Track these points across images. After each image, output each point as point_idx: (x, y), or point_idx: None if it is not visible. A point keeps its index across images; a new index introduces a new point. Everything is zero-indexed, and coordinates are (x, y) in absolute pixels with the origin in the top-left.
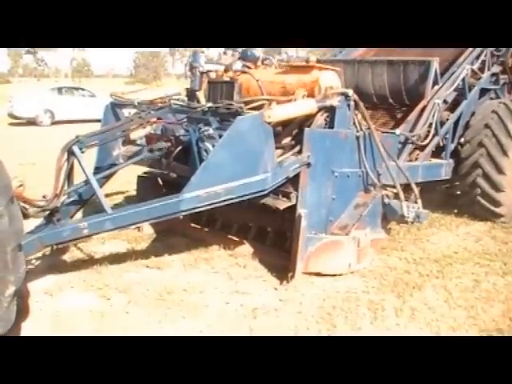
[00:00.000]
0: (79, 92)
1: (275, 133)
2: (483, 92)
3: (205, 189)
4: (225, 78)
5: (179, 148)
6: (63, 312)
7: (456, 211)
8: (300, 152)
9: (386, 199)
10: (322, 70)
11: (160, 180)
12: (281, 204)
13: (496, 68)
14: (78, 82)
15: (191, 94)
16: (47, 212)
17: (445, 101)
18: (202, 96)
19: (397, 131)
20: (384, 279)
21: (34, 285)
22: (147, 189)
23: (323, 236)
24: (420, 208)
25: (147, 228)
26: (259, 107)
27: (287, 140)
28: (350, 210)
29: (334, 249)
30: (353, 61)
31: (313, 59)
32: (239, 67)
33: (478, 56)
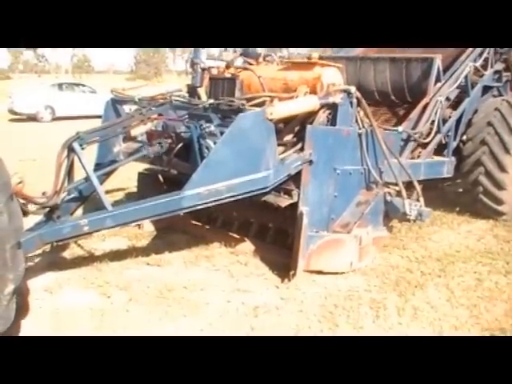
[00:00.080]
0: (80, 88)
1: (277, 130)
2: (486, 89)
3: (206, 186)
4: (226, 75)
5: (180, 145)
6: (63, 310)
7: (458, 209)
8: (302, 149)
9: (388, 197)
10: (325, 67)
11: (161, 177)
12: (282, 202)
13: (499, 65)
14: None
15: (192, 91)
16: (47, 209)
17: (447, 98)
18: (204, 92)
19: (399, 128)
20: (386, 278)
21: (34, 282)
22: (148, 186)
23: (325, 234)
24: (422, 206)
25: (148, 225)
26: (261, 104)
27: (289, 137)
28: (352, 208)
29: (336, 247)
30: (355, 57)
31: (315, 56)
32: (240, 64)
33: (481, 53)
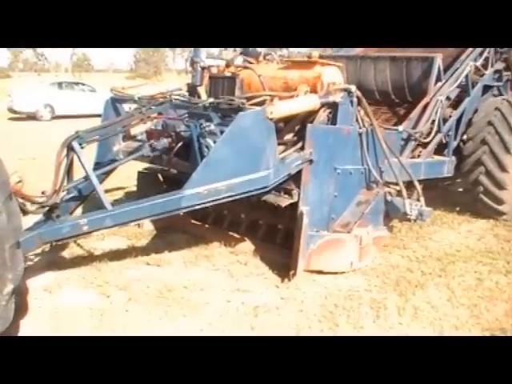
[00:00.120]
0: (79, 87)
1: (277, 129)
2: (486, 89)
3: (206, 185)
4: (226, 74)
5: (180, 144)
6: (62, 310)
7: (458, 209)
8: (302, 148)
9: (389, 197)
10: (325, 66)
11: (160, 176)
12: (282, 201)
13: (499, 65)
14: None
15: (192, 90)
16: (46, 208)
17: (448, 97)
18: (203, 91)
19: (399, 128)
20: (386, 277)
21: (33, 282)
22: (147, 185)
23: (325, 234)
24: (423, 206)
25: (147, 224)
26: (261, 103)
27: (289, 136)
28: (353, 208)
29: (336, 247)
30: (355, 56)
31: (315, 55)
32: (240, 62)
33: (482, 53)
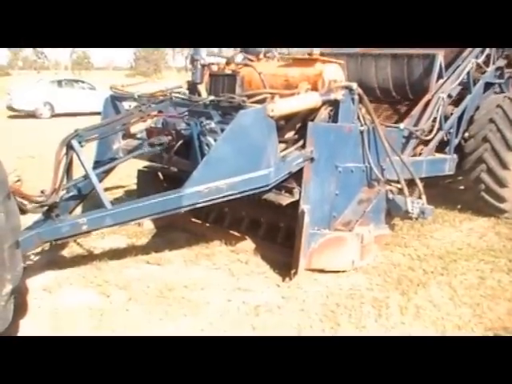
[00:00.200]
0: (79, 84)
1: (278, 127)
2: (488, 86)
3: (206, 184)
4: (226, 71)
5: (180, 142)
6: (62, 309)
7: (459, 207)
8: (303, 146)
9: (390, 195)
10: (326, 63)
11: (161, 174)
12: (283, 200)
13: (501, 62)
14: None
15: (192, 87)
16: (46, 207)
17: (449, 95)
18: (204, 89)
19: (401, 125)
20: (388, 276)
21: (33, 281)
22: (148, 183)
23: (326, 232)
24: (424, 204)
25: (147, 223)
26: (262, 101)
27: (290, 134)
28: (354, 206)
29: (338, 245)
30: (356, 54)
31: (316, 52)
32: (241, 60)
33: (483, 50)
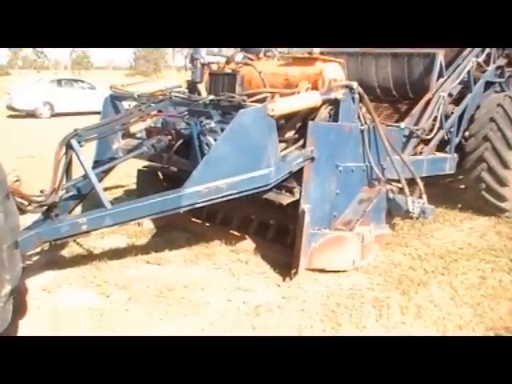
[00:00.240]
0: (79, 84)
1: (278, 126)
2: (488, 85)
3: (206, 184)
4: (226, 70)
5: (180, 142)
6: (62, 310)
7: (460, 206)
8: (304, 146)
9: (391, 194)
10: (326, 62)
11: (160, 174)
12: (284, 199)
13: (501, 61)
14: (78, 74)
15: (192, 87)
16: (45, 207)
17: (450, 94)
18: (204, 88)
19: (401, 125)
20: (389, 276)
21: (32, 281)
22: (147, 183)
23: (327, 232)
24: (425, 203)
25: (147, 222)
26: (262, 100)
27: (290, 134)
28: (354, 206)
29: (338, 245)
30: (356, 53)
31: (316, 51)
32: (241, 59)
33: (484, 49)
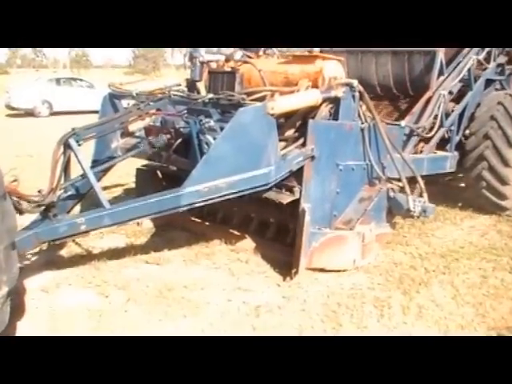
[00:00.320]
0: (77, 83)
1: (278, 125)
2: (488, 83)
3: (206, 183)
4: (226, 69)
5: (179, 140)
6: (60, 310)
7: (460, 204)
8: (304, 144)
9: (392, 193)
10: (326, 60)
11: (159, 173)
12: (284, 198)
13: (502, 58)
14: (77, 73)
15: (191, 85)
16: (43, 207)
17: (450, 92)
18: (203, 87)
19: (402, 123)
20: (389, 275)
21: (30, 282)
22: (146, 182)
23: (327, 231)
24: (426, 202)
25: (146, 222)
26: (262, 98)
27: (290, 132)
28: (355, 204)
29: (339, 244)
30: (356, 51)
31: (316, 49)
32: (240, 57)
33: None
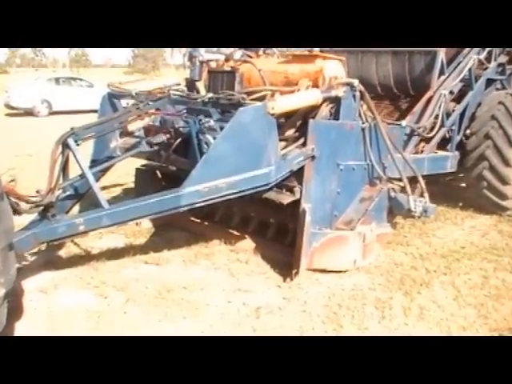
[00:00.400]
0: (77, 82)
1: (278, 124)
2: (489, 82)
3: (206, 183)
4: (225, 68)
5: (179, 140)
6: (58, 311)
7: (461, 204)
8: (304, 144)
9: (392, 193)
10: (326, 60)
11: (159, 173)
12: (284, 198)
13: (502, 58)
14: (76, 72)
15: (191, 85)
16: (41, 207)
17: (451, 91)
18: (202, 86)
19: (403, 123)
20: (390, 276)
21: (29, 282)
22: (146, 182)
23: (328, 231)
24: (427, 202)
25: (145, 222)
26: (262, 98)
27: (291, 132)
28: (356, 204)
29: (339, 244)
30: (357, 50)
31: (316, 49)
32: (240, 56)
33: None
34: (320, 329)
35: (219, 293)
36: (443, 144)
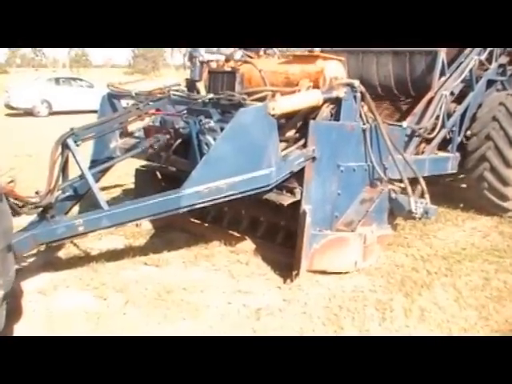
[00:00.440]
0: (77, 82)
1: (279, 125)
2: (490, 83)
3: (206, 184)
4: (226, 68)
5: (179, 141)
6: (57, 313)
7: (462, 206)
8: (305, 145)
9: (393, 194)
10: (327, 60)
11: (159, 174)
12: (285, 200)
13: (503, 59)
14: (76, 72)
15: (191, 85)
16: (40, 208)
17: (452, 92)
18: (203, 87)
19: (403, 124)
20: (391, 277)
21: (28, 284)
22: (146, 182)
23: (328, 233)
24: (428, 203)
25: (145, 223)
26: (262, 98)
27: (291, 133)
28: (356, 206)
29: (340, 246)
30: (357, 51)
31: (317, 49)
32: (240, 57)
33: None
34: (320, 330)
35: (219, 294)
36: (444, 145)
